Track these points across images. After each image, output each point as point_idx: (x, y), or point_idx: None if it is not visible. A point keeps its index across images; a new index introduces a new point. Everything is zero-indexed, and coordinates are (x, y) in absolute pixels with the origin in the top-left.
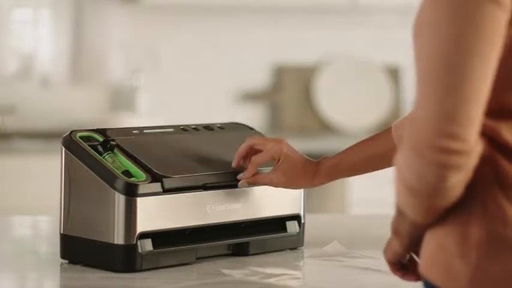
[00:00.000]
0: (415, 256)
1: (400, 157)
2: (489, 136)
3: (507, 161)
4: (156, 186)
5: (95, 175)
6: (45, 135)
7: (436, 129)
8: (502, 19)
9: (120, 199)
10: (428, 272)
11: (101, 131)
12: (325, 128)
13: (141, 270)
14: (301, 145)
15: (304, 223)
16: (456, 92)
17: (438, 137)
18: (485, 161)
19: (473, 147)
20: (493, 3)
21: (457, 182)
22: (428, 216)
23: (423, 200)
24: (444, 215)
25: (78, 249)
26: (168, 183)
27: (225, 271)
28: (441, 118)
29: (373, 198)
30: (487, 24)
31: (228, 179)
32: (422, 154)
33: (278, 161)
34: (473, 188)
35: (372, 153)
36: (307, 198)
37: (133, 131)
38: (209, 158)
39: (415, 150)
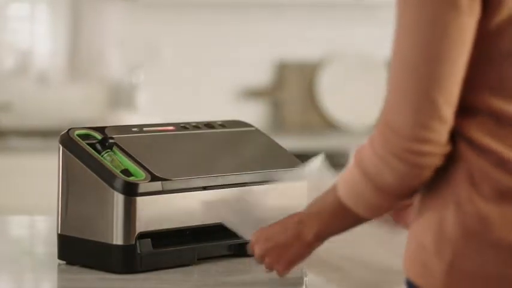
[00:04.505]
0: None
1: (371, 162)
2: (460, 134)
3: (478, 159)
4: (156, 186)
5: (93, 174)
6: (42, 133)
7: (411, 134)
8: (466, 23)
9: (119, 198)
10: (409, 271)
11: (100, 129)
12: (328, 125)
13: (140, 271)
14: (304, 142)
15: None
16: (427, 98)
17: (413, 141)
18: (457, 159)
19: (446, 147)
20: (454, 10)
21: (427, 177)
22: (382, 212)
23: (393, 197)
24: (423, 214)
25: (76, 250)
26: (168, 182)
27: (225, 272)
28: (415, 124)
29: None
30: (451, 30)
31: (229, 179)
32: (400, 157)
33: None
34: (447, 186)
35: None
36: (309, 198)
37: (133, 129)
38: (210, 156)
39: (394, 153)
